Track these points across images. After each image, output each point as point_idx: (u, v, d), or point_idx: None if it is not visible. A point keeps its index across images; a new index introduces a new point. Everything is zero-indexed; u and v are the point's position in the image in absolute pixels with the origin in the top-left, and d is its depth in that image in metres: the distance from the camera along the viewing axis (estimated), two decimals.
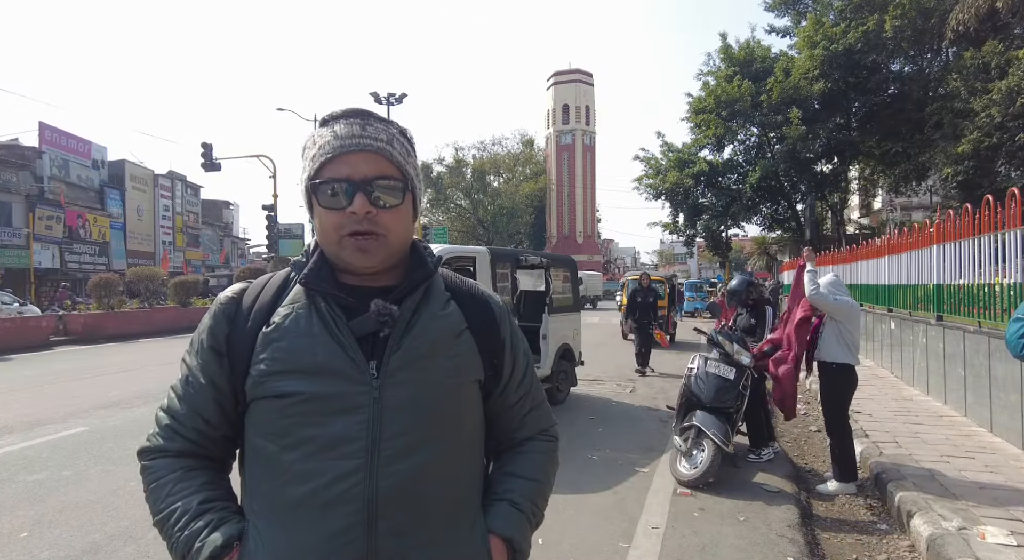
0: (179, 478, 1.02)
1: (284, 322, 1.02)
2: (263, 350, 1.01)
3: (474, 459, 1.12)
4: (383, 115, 1.08)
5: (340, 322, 1.01)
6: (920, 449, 5.08)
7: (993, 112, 14.44)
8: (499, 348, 1.14)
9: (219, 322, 1.06)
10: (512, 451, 1.19)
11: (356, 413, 0.96)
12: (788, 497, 4.41)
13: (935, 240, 7.26)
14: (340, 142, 0.99)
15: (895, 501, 4.04)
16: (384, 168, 1.01)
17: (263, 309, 1.05)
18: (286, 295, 1.06)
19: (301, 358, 0.98)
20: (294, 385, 0.97)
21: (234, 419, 1.06)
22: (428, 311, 1.06)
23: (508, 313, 1.20)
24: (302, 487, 0.95)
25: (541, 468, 1.18)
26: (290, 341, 1.00)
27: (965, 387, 6.08)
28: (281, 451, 0.97)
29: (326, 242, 1.03)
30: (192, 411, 1.05)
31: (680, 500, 4.32)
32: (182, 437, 1.05)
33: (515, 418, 1.18)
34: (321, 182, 1.00)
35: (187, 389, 1.06)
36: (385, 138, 1.02)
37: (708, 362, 4.87)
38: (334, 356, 0.98)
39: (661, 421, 6.66)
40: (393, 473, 0.96)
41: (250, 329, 1.03)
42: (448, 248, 6.51)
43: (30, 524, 3.83)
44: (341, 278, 1.06)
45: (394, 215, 1.02)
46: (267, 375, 0.99)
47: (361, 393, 0.97)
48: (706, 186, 24.29)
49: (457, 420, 1.06)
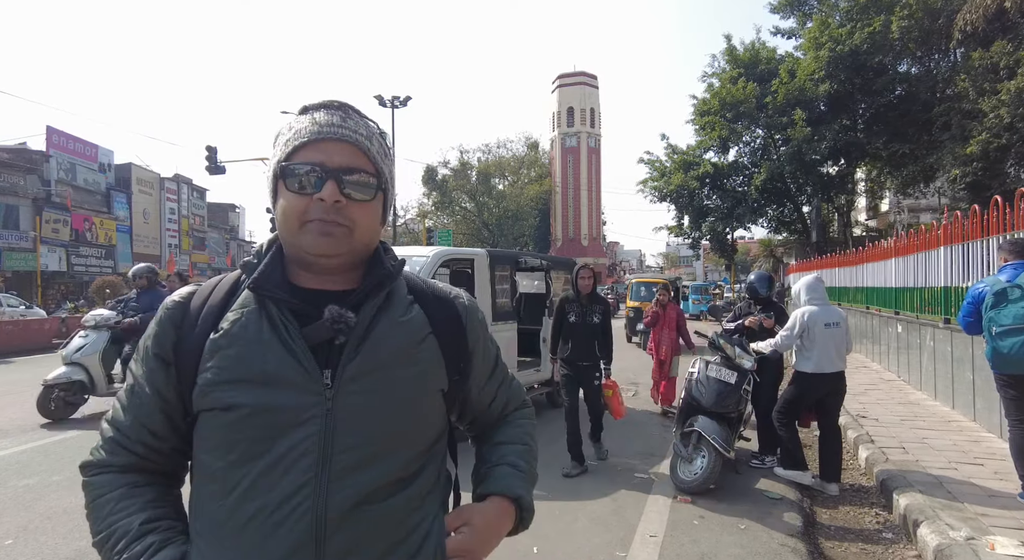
0: (122, 495, 0.95)
1: (232, 328, 0.95)
2: (210, 358, 0.94)
3: (433, 470, 1.05)
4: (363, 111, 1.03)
5: (292, 328, 0.94)
6: (927, 455, 4.96)
7: (1002, 113, 14.27)
8: (466, 352, 1.09)
9: (165, 328, 0.99)
10: (495, 426, 1.21)
11: (307, 426, 0.90)
12: (791, 504, 4.30)
13: (942, 242, 7.13)
14: (318, 128, 0.95)
15: (901, 509, 3.93)
16: (359, 161, 0.96)
17: (211, 314, 0.98)
18: (236, 298, 0.99)
19: (250, 366, 0.92)
20: (241, 396, 0.91)
21: (184, 431, 0.99)
22: (388, 317, 1.00)
23: (475, 309, 1.14)
24: (249, 505, 0.89)
25: (527, 432, 1.21)
26: (238, 348, 0.93)
27: (974, 391, 5.94)
28: (227, 467, 0.91)
29: (286, 229, 0.97)
30: (137, 423, 0.98)
31: (680, 507, 4.22)
32: (127, 450, 0.98)
33: (498, 404, 1.20)
34: (291, 164, 0.95)
35: (132, 399, 0.99)
36: (364, 132, 0.98)
37: (709, 366, 4.77)
38: (285, 364, 0.92)
39: (662, 425, 6.56)
40: (345, 487, 0.90)
41: (197, 335, 0.97)
42: (446, 250, 6.43)
43: (16, 530, 3.77)
44: (296, 279, 1.00)
45: (363, 209, 0.97)
46: (213, 385, 0.92)
47: (313, 404, 0.91)
48: (711, 188, 24.13)
49: (416, 432, 1.00)
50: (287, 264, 1.02)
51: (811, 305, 4.69)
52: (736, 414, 4.69)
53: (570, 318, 5.20)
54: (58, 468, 5.00)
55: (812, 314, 4.61)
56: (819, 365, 4.56)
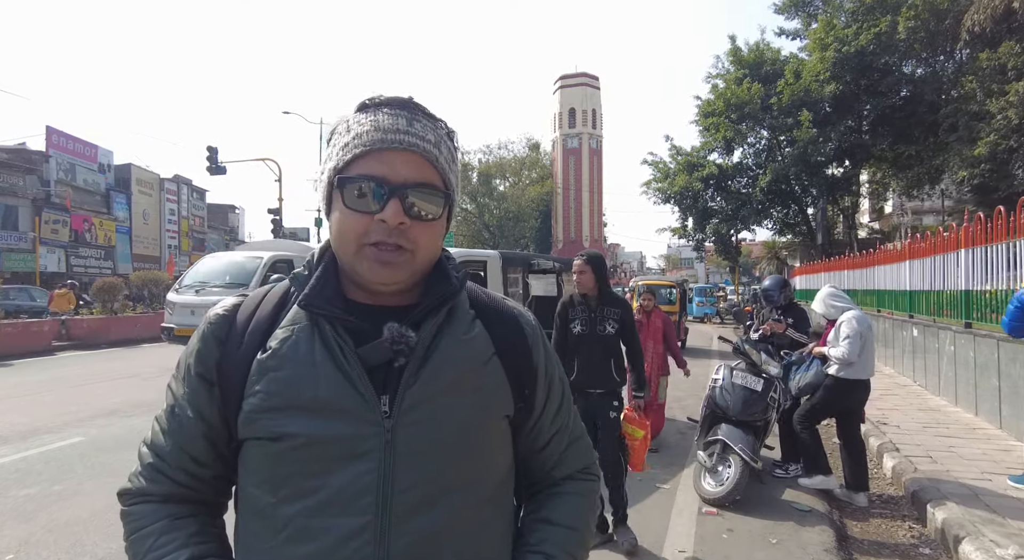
0: (164, 529, 0.86)
1: (282, 348, 0.84)
2: (258, 381, 0.83)
3: (503, 508, 0.93)
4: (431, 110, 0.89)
5: (347, 349, 0.83)
6: (957, 465, 4.81)
7: (1010, 114, 14.19)
8: (531, 377, 0.95)
9: (208, 345, 0.89)
10: (546, 493, 1.01)
11: (364, 460, 0.80)
12: (821, 517, 4.15)
13: (962, 244, 7.00)
14: (381, 135, 0.83)
15: (938, 523, 3.78)
16: (427, 174, 0.84)
17: (259, 330, 0.88)
18: (285, 313, 0.88)
19: (301, 392, 0.81)
20: (292, 425, 0.80)
21: (228, 457, 0.89)
22: (451, 336, 0.88)
23: (542, 334, 1.01)
24: (301, 548, 0.80)
25: (580, 514, 1.00)
26: (288, 371, 0.83)
27: (1000, 398, 5.80)
28: (277, 504, 0.81)
29: (343, 249, 0.85)
30: (178, 448, 0.88)
31: (706, 520, 4.06)
32: (168, 478, 0.88)
33: (551, 456, 1.00)
34: (351, 177, 0.82)
35: (172, 422, 0.89)
36: (433, 139, 0.86)
37: (734, 373, 4.62)
38: (339, 390, 0.81)
39: (680, 432, 6.40)
40: (408, 532, 0.80)
41: (243, 354, 0.86)
42: (458, 252, 6.30)
43: (17, 544, 3.61)
44: (350, 294, 0.88)
45: (427, 229, 0.85)
46: (261, 411, 0.82)
47: (371, 435, 0.81)
48: (715, 190, 24.05)
49: (484, 465, 0.89)
50: (341, 276, 0.90)
51: (853, 309, 4.56)
52: (762, 422, 4.54)
53: (574, 328, 3.81)
54: (60, 477, 4.83)
55: (859, 317, 4.45)
56: (863, 371, 4.41)
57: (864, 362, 4.40)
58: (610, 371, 3.75)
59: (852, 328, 4.39)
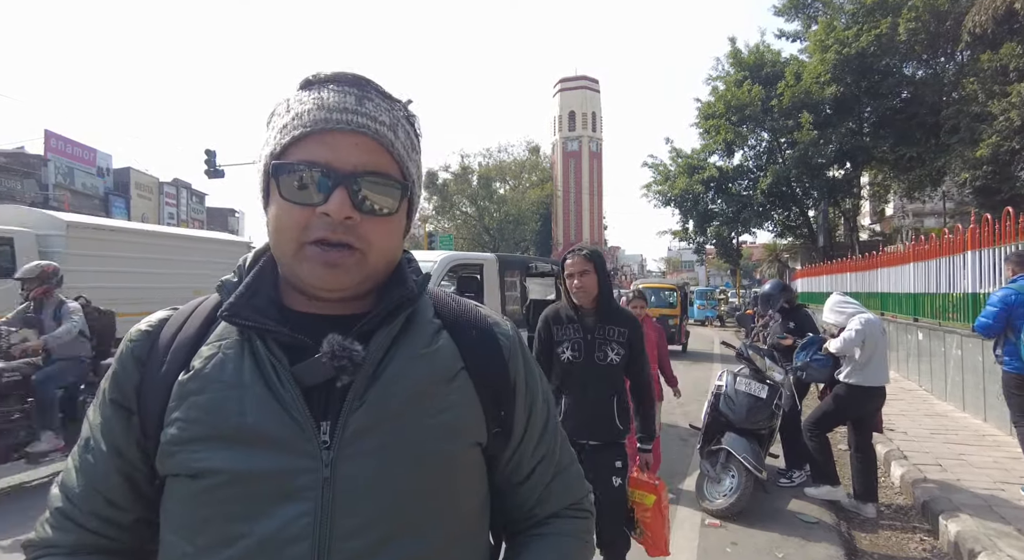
0: None
1: (205, 367, 0.70)
2: (177, 407, 0.69)
3: (475, 553, 0.78)
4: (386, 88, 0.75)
5: (281, 368, 0.69)
6: (968, 473, 4.67)
7: (1012, 116, 14.10)
8: (509, 395, 0.80)
9: (127, 367, 0.75)
10: (528, 534, 0.86)
11: (299, 500, 0.67)
12: (828, 529, 4.01)
13: (969, 246, 6.86)
14: (325, 114, 0.70)
15: (951, 536, 3.63)
16: (380, 161, 0.72)
17: (183, 347, 0.73)
18: (214, 328, 0.74)
19: (224, 419, 0.68)
20: (214, 459, 0.67)
21: (151, 497, 0.74)
22: (407, 348, 0.75)
23: (521, 346, 0.85)
24: None
25: (569, 558, 0.84)
26: (211, 394, 0.69)
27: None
28: (196, 554, 0.68)
29: (280, 249, 0.72)
30: (90, 488, 0.73)
31: (709, 532, 3.92)
32: (77, 525, 0.73)
33: (534, 490, 0.85)
34: (289, 164, 0.68)
35: (85, 458, 0.74)
36: (388, 121, 0.73)
37: (738, 379, 4.48)
38: (270, 416, 0.68)
39: (681, 439, 6.26)
40: None
41: (164, 375, 0.72)
42: (454, 255, 6.17)
43: None
44: (290, 302, 0.75)
45: (381, 225, 0.72)
46: (179, 443, 0.68)
47: (306, 470, 0.67)
48: (716, 192, 23.94)
49: (449, 504, 0.73)
50: (279, 282, 0.76)
51: (863, 312, 4.39)
52: (767, 431, 4.40)
53: (563, 353, 2.67)
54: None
55: (870, 320, 4.28)
56: (876, 377, 4.23)
57: (876, 368, 4.24)
58: (611, 415, 2.63)
59: (855, 327, 4.25)
